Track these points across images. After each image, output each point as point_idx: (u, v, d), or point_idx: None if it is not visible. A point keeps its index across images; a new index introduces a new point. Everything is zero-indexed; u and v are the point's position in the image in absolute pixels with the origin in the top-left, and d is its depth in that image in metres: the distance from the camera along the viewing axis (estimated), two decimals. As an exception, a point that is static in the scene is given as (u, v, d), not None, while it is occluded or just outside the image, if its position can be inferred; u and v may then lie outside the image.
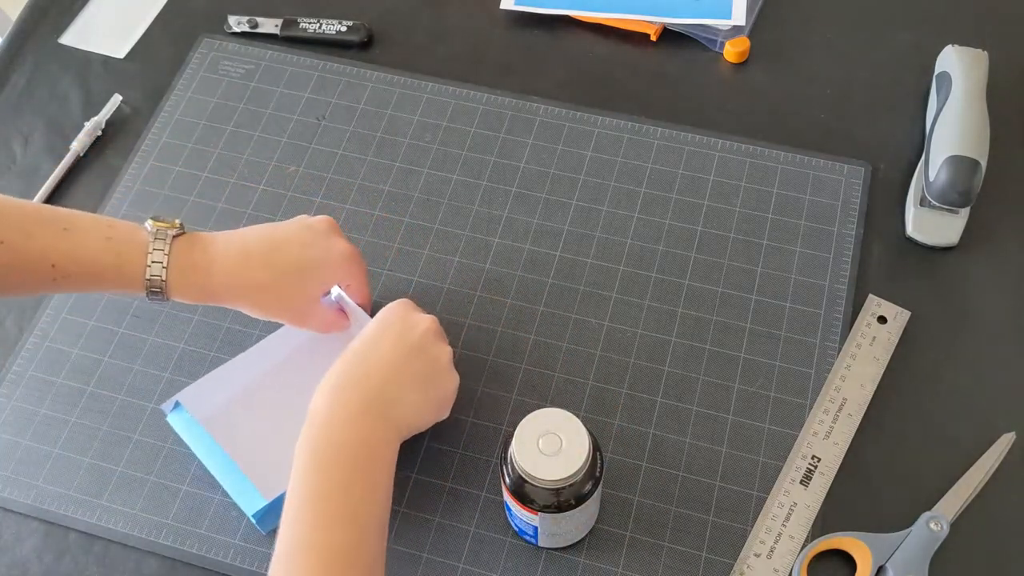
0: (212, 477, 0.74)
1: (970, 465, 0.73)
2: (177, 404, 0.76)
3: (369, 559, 0.60)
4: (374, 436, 0.64)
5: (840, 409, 0.76)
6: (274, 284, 0.71)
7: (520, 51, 0.97)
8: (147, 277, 0.68)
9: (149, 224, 0.69)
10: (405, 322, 0.69)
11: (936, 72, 0.89)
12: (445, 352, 0.70)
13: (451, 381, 0.71)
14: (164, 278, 0.68)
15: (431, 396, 0.69)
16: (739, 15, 0.96)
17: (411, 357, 0.68)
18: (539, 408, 0.65)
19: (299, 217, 0.75)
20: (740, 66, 0.95)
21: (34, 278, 0.67)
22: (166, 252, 0.68)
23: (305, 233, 0.73)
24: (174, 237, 0.69)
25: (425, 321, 0.70)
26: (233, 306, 0.72)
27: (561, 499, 0.65)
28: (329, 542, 0.59)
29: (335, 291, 0.75)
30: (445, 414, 0.71)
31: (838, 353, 0.78)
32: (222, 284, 0.70)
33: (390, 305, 0.71)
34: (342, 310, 0.76)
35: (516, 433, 0.64)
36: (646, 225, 0.86)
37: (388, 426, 0.65)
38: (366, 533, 0.61)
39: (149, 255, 0.68)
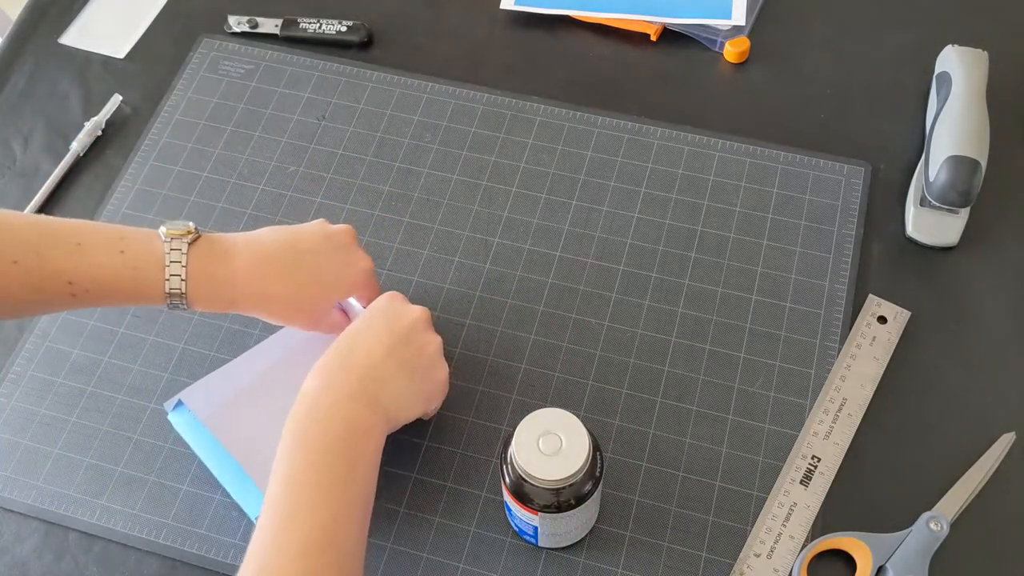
0: (212, 477, 0.74)
1: (970, 465, 0.73)
2: (179, 403, 0.76)
3: (347, 542, 0.60)
4: (361, 419, 0.64)
5: (840, 409, 0.76)
6: (295, 296, 0.71)
7: (520, 51, 0.97)
8: (167, 291, 0.67)
9: (163, 232, 0.68)
10: (394, 312, 0.70)
11: (936, 72, 0.89)
12: (433, 341, 0.71)
13: (440, 371, 0.71)
14: (184, 291, 0.67)
15: (419, 385, 0.69)
16: (739, 15, 0.96)
17: (399, 344, 0.68)
18: (539, 408, 0.65)
19: (319, 223, 0.74)
20: (740, 66, 0.95)
21: (52, 296, 0.66)
22: (183, 264, 0.67)
23: (327, 245, 0.72)
24: (190, 244, 0.68)
25: (415, 311, 0.71)
26: (249, 313, 0.72)
27: (561, 499, 0.65)
28: (307, 523, 0.59)
29: None
30: (435, 404, 0.72)
31: (838, 353, 0.78)
32: (243, 295, 0.70)
33: (380, 297, 0.72)
34: (344, 311, 0.76)
35: (516, 433, 0.64)
36: (646, 225, 0.86)
37: (376, 411, 0.65)
38: (345, 516, 0.61)
39: (166, 268, 0.67)
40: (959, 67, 0.85)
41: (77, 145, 0.92)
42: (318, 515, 0.60)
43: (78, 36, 1.02)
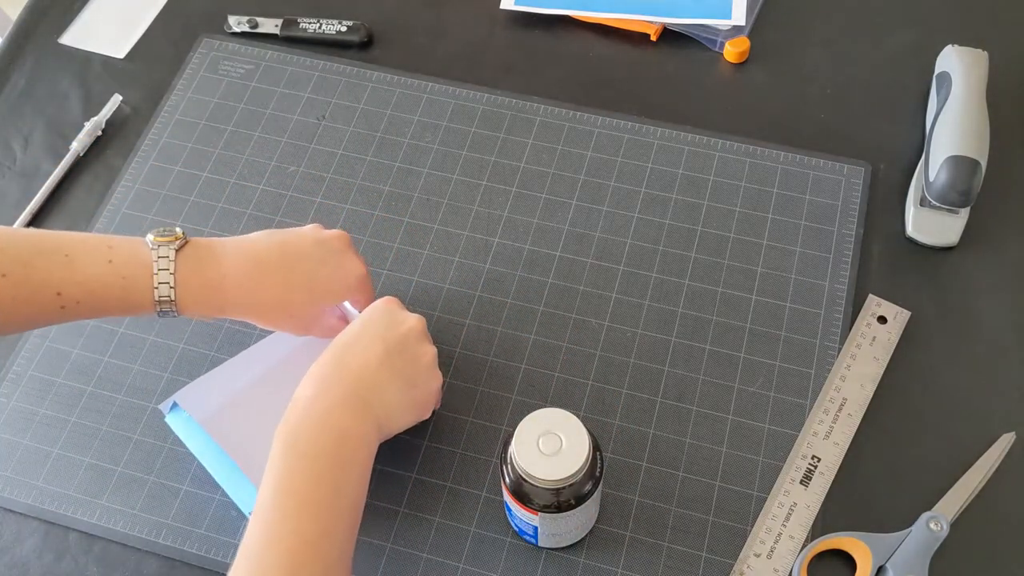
0: (212, 477, 0.74)
1: (970, 465, 0.73)
2: (175, 405, 0.76)
3: (333, 551, 0.60)
4: (352, 428, 0.64)
5: (840, 409, 0.76)
6: (285, 301, 0.71)
7: (520, 51, 0.97)
8: (156, 299, 0.67)
9: (150, 239, 0.67)
10: (389, 320, 0.69)
11: (936, 72, 0.89)
12: (428, 351, 0.70)
13: (433, 381, 0.71)
14: (173, 298, 0.67)
15: (411, 395, 0.69)
16: (739, 15, 0.96)
17: (393, 354, 0.68)
18: (539, 408, 0.65)
19: (312, 227, 0.74)
20: (740, 66, 0.95)
21: (41, 310, 0.66)
22: (171, 271, 0.67)
23: (319, 250, 0.72)
24: (177, 251, 0.67)
25: (410, 320, 0.70)
26: (239, 318, 0.72)
27: (561, 499, 0.65)
28: (293, 532, 0.59)
29: None
30: (426, 414, 0.71)
31: (838, 353, 0.78)
32: (233, 301, 0.69)
33: (376, 303, 0.71)
34: (343, 311, 0.76)
35: (516, 433, 0.64)
36: (646, 225, 0.86)
37: (367, 420, 0.65)
38: (332, 526, 0.61)
39: (155, 276, 0.66)
40: (959, 67, 0.85)
41: (77, 145, 0.92)
42: (304, 525, 0.59)
43: (78, 36, 1.02)
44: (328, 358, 0.67)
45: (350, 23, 0.98)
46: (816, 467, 0.74)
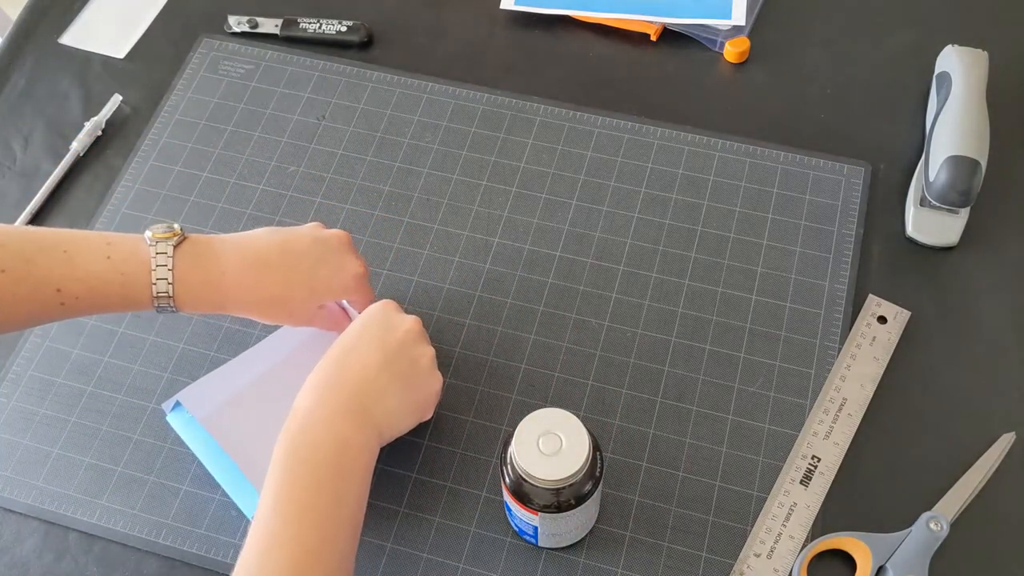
0: (212, 477, 0.74)
1: (970, 465, 0.73)
2: (177, 404, 0.76)
3: (333, 560, 0.60)
4: (352, 437, 0.64)
5: (840, 409, 0.76)
6: (283, 298, 0.71)
7: (520, 51, 0.97)
8: (154, 295, 0.67)
9: (148, 236, 0.67)
10: (386, 323, 0.69)
11: (936, 72, 0.89)
12: (427, 353, 0.70)
13: (433, 382, 0.71)
14: (171, 294, 0.67)
15: (412, 397, 0.69)
16: (739, 15, 0.96)
17: (391, 358, 0.67)
18: (539, 408, 0.65)
19: (313, 226, 0.74)
20: (740, 66, 0.95)
21: (41, 306, 0.66)
22: (170, 267, 0.67)
23: (319, 248, 0.72)
24: (175, 247, 0.67)
25: (407, 322, 0.70)
26: (238, 315, 0.72)
27: (561, 499, 0.65)
28: (294, 542, 0.59)
29: None
30: (427, 416, 0.71)
31: (838, 353, 0.79)
32: (231, 297, 0.69)
33: (372, 306, 0.71)
34: (342, 307, 0.76)
35: (516, 433, 0.64)
36: (646, 225, 0.86)
37: (367, 427, 0.65)
38: (333, 535, 0.60)
39: (153, 272, 0.67)
40: (959, 67, 0.85)
41: (77, 145, 0.92)
42: (305, 535, 0.59)
43: (78, 36, 1.02)
44: (326, 365, 0.67)
45: (350, 23, 0.98)
46: (816, 467, 0.74)
